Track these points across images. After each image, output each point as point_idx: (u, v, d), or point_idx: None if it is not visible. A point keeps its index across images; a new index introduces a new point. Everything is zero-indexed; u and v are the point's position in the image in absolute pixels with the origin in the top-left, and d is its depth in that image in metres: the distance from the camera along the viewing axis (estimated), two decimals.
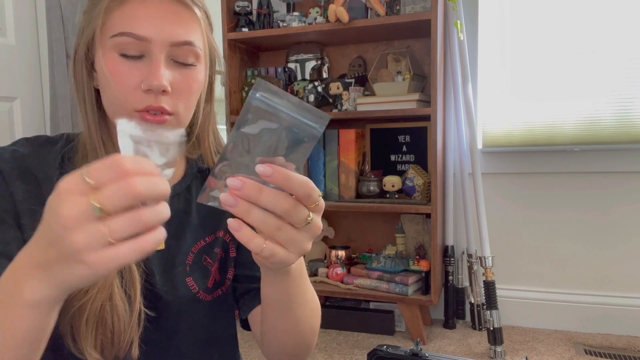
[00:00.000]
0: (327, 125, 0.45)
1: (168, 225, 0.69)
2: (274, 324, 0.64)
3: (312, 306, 0.66)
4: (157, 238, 0.40)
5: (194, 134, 0.74)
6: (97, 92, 0.65)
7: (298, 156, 0.46)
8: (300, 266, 0.58)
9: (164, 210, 0.40)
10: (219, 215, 0.74)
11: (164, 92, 0.60)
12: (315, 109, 0.45)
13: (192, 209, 0.73)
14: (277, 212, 0.44)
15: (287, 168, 0.45)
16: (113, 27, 0.60)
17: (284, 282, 0.57)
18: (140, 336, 0.64)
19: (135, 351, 0.63)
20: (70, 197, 0.37)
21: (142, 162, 0.39)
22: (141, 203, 0.39)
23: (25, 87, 2.22)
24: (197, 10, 0.63)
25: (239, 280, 0.77)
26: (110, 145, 0.67)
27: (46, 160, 0.66)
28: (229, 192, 0.44)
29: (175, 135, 0.44)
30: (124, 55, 0.60)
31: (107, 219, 0.37)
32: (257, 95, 0.44)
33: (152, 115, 0.61)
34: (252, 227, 0.46)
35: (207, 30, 0.67)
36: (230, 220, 0.45)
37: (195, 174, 0.75)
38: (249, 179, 0.44)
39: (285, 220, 0.45)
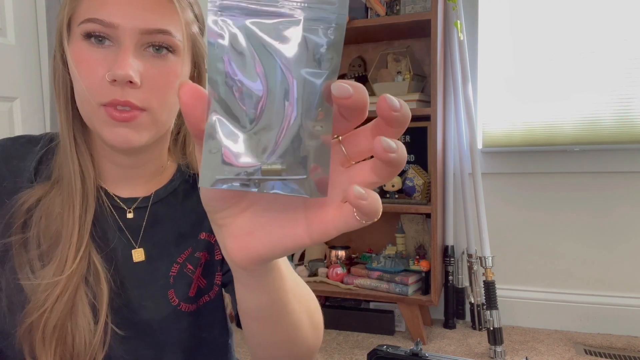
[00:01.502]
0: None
1: (149, 234, 0.65)
2: (267, 339, 0.47)
3: (307, 297, 0.51)
4: None
5: (181, 136, 0.69)
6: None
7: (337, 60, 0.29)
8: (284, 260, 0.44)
9: None
10: (201, 217, 0.68)
11: (132, 83, 0.54)
12: None
13: (177, 215, 0.67)
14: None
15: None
16: (81, 14, 0.55)
17: (275, 280, 0.39)
18: (105, 355, 0.59)
19: None
20: None
21: None
22: None
23: (25, 87, 2.22)
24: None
25: (226, 274, 0.70)
26: (83, 147, 0.61)
27: (23, 162, 0.61)
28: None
29: None
30: (91, 44, 0.55)
31: None
32: None
33: (119, 112, 0.55)
34: None
35: (190, 23, 0.60)
36: (356, 187, 0.29)
37: (185, 179, 0.69)
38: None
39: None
